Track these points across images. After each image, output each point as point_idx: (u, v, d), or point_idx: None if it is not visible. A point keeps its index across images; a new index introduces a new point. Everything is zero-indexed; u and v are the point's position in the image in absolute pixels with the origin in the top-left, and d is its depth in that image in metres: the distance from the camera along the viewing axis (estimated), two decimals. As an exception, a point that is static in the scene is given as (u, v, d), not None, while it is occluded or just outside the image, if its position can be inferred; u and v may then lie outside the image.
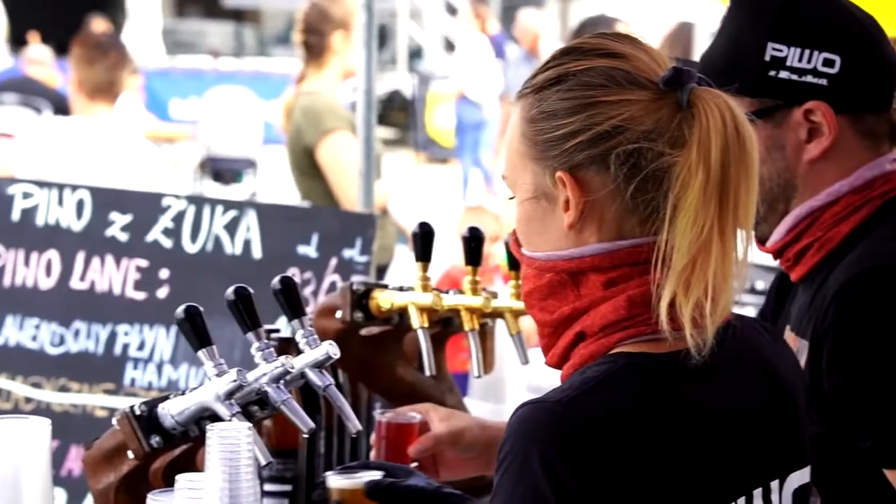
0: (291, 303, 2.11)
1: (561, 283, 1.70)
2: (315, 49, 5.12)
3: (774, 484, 1.71)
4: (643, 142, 1.64)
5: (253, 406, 2.09)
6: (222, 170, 13.01)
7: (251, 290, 2.05)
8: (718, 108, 1.64)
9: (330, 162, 4.93)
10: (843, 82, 2.08)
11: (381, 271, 5.08)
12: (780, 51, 2.09)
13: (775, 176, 2.11)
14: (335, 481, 2.08)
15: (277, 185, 12.16)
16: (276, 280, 2.11)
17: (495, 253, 5.08)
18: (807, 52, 2.08)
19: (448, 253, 5.45)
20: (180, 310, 2.02)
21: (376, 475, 2.05)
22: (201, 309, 2.02)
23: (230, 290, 2.04)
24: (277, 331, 2.52)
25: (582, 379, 1.63)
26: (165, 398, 2.07)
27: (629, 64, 1.68)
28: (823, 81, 2.08)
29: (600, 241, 1.68)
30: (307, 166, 5.04)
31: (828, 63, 2.08)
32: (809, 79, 2.08)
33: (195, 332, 2.02)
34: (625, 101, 1.66)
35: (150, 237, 3.41)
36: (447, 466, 2.27)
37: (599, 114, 1.66)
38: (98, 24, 13.15)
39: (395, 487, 2.02)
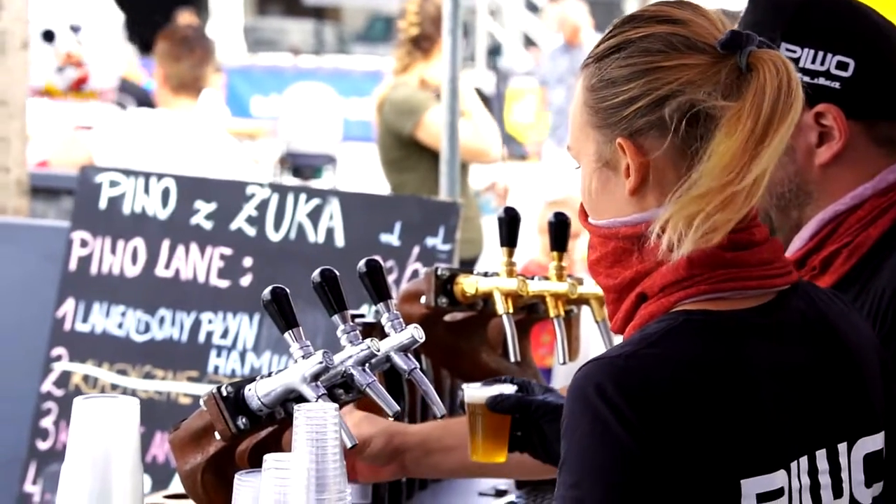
0: (377, 286, 2.10)
1: (625, 250, 1.71)
2: (427, 42, 5.09)
3: (842, 447, 1.70)
4: (700, 104, 1.65)
5: (338, 389, 2.09)
6: (302, 166, 13.10)
7: (337, 273, 2.05)
8: (775, 64, 1.65)
9: (433, 138, 4.94)
10: (856, 86, 2.03)
11: (468, 265, 5.07)
12: (794, 51, 2.04)
13: (786, 181, 2.06)
14: (468, 393, 2.16)
15: (356, 180, 12.20)
16: (361, 263, 2.10)
17: (578, 246, 5.05)
18: (820, 53, 2.04)
19: (528, 247, 5.43)
20: (267, 291, 2.02)
21: (508, 389, 2.11)
22: (287, 291, 2.03)
23: (316, 272, 2.03)
24: (362, 316, 2.52)
25: (642, 335, 1.64)
26: (252, 380, 2.07)
27: (688, 29, 1.68)
28: (836, 85, 2.03)
29: (661, 206, 1.68)
30: (400, 158, 5.05)
31: (841, 66, 2.03)
32: (822, 81, 2.03)
33: (282, 314, 2.01)
34: (683, 66, 1.66)
35: (234, 225, 3.43)
36: (360, 472, 2.30)
37: (658, 79, 1.66)
38: (184, 17, 13.25)
39: (515, 401, 2.08)
